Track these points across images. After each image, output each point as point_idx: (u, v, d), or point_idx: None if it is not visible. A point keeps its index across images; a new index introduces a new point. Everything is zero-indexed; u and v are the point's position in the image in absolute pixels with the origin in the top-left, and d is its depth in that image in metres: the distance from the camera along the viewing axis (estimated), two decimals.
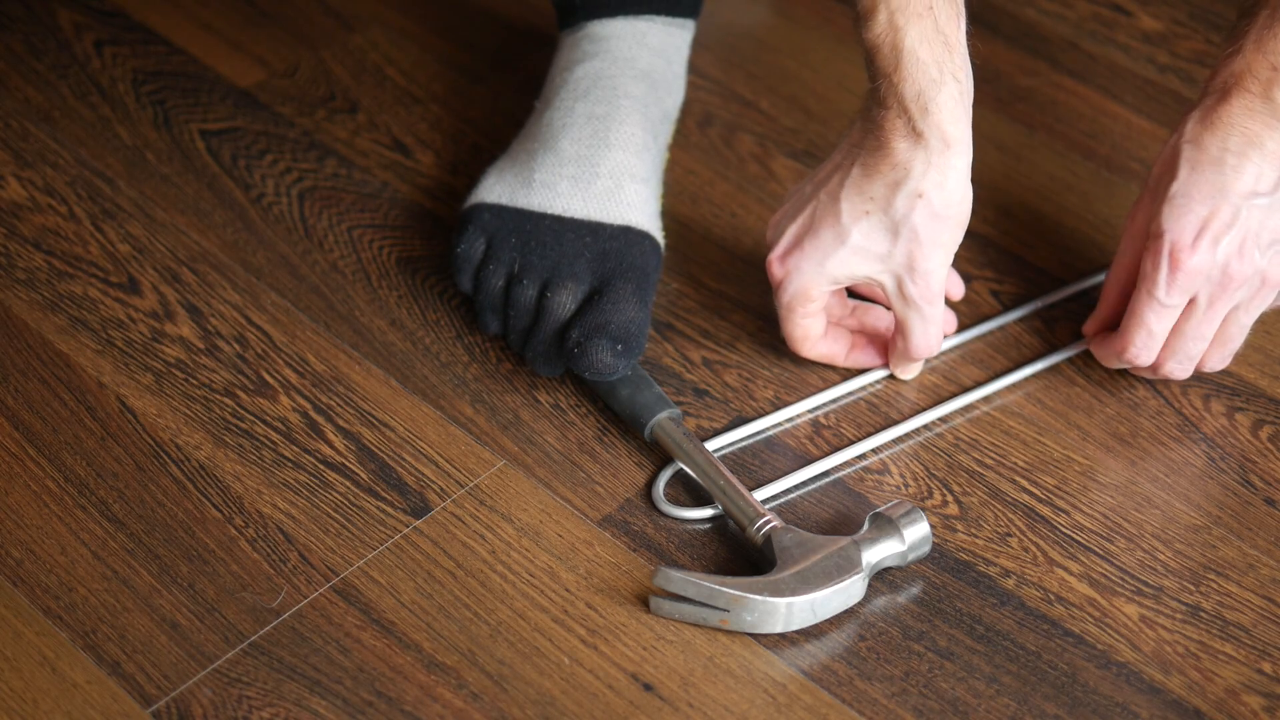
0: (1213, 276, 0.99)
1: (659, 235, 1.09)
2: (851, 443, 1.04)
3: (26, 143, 1.22)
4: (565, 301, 1.03)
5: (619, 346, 1.01)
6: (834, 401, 1.06)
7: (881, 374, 1.08)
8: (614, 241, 1.06)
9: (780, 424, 1.05)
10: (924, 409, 1.05)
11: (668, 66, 1.17)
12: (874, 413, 1.06)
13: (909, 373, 1.07)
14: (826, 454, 1.03)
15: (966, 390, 1.06)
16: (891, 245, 0.98)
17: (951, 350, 1.09)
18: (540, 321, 1.03)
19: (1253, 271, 1.00)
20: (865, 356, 1.07)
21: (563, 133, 1.11)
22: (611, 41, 1.15)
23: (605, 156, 1.09)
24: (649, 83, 1.14)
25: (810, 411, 1.06)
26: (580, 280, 1.04)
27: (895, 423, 1.04)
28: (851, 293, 1.09)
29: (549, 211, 1.07)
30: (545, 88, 1.17)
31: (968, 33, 0.96)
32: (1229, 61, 1.01)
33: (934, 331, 1.02)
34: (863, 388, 1.07)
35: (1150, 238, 1.01)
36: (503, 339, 1.07)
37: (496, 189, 1.09)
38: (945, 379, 1.08)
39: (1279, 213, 1.00)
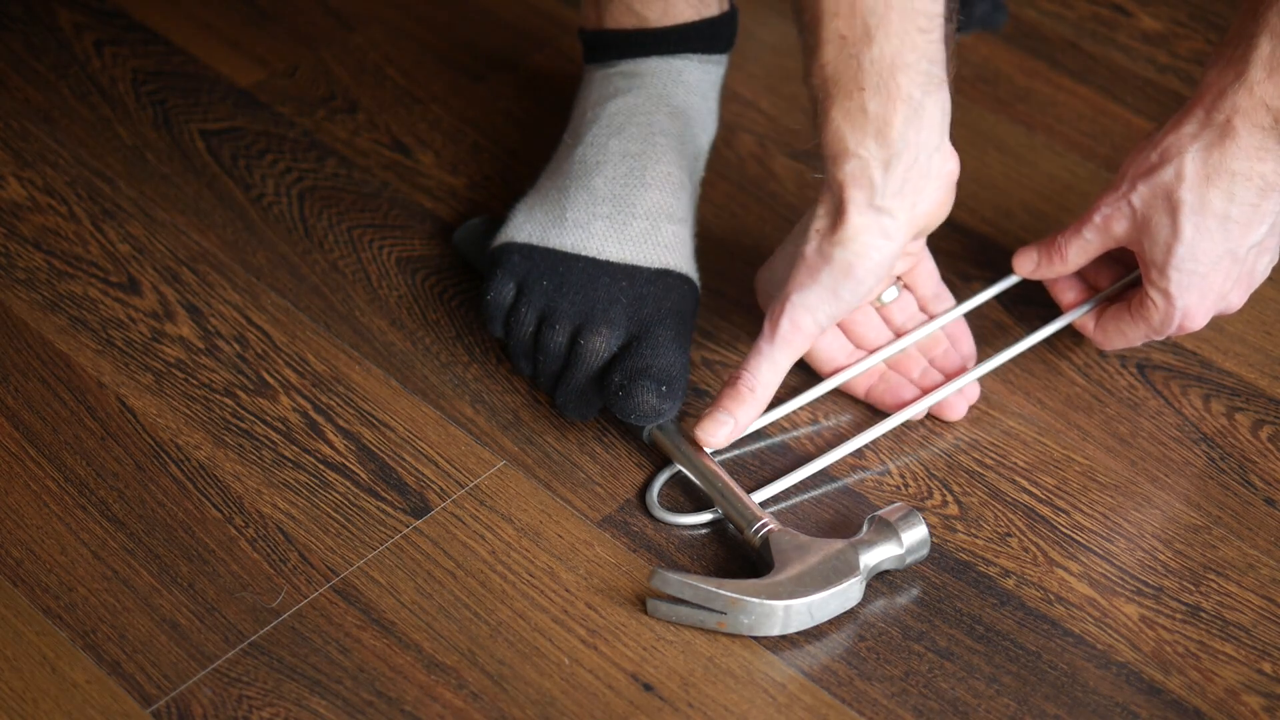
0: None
1: (695, 276, 1.07)
2: (848, 437, 1.03)
3: (26, 143, 1.22)
4: (599, 348, 1.01)
5: (663, 389, 0.99)
6: (832, 398, 1.06)
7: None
8: (651, 285, 1.04)
9: (778, 422, 1.05)
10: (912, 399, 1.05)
11: (702, 102, 1.14)
12: (874, 410, 1.06)
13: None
14: (824, 451, 1.03)
15: (954, 378, 1.06)
16: (787, 264, 0.99)
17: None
18: (572, 366, 1.01)
19: (1244, 292, 1.03)
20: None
21: (596, 170, 1.08)
22: (646, 78, 1.12)
23: (642, 196, 1.07)
24: (684, 119, 1.11)
25: (809, 409, 1.06)
26: (615, 325, 1.02)
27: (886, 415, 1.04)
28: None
29: (582, 253, 1.05)
30: (574, 121, 1.14)
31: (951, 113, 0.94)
32: (1232, 91, 0.97)
33: (762, 376, 0.97)
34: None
35: (1156, 289, 1.01)
36: (533, 380, 1.06)
37: (526, 227, 1.07)
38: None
39: (1272, 234, 1.01)
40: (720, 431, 0.98)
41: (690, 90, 1.13)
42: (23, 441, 1.02)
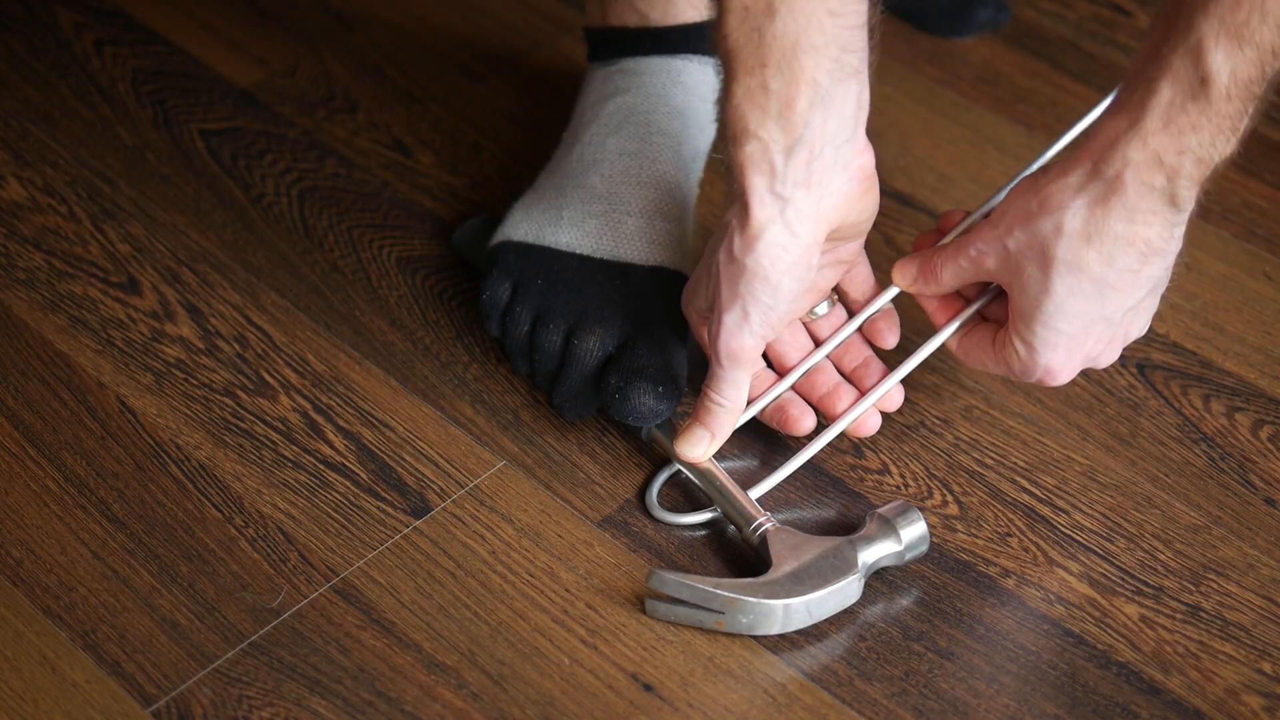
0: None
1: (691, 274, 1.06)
2: (846, 435, 1.03)
3: (26, 143, 1.22)
4: (593, 347, 1.01)
5: (660, 390, 0.99)
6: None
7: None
8: (646, 284, 1.04)
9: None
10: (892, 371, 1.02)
11: (702, 103, 1.13)
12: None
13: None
14: (825, 449, 1.03)
15: (920, 347, 1.03)
16: (709, 279, 0.96)
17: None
18: (567, 366, 1.01)
19: (1115, 351, 0.97)
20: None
21: (593, 169, 1.08)
22: (645, 77, 1.12)
23: (637, 195, 1.06)
24: (682, 119, 1.11)
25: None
26: (609, 325, 1.01)
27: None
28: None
29: (577, 251, 1.05)
30: (574, 120, 1.14)
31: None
32: (1124, 142, 0.87)
33: (726, 392, 0.96)
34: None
35: (1020, 340, 0.94)
36: (531, 379, 1.06)
37: (523, 226, 1.07)
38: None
39: (1152, 295, 0.94)
40: (699, 446, 0.98)
41: (689, 91, 1.13)
42: (23, 441, 1.02)
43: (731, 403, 0.97)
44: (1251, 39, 0.83)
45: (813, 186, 0.89)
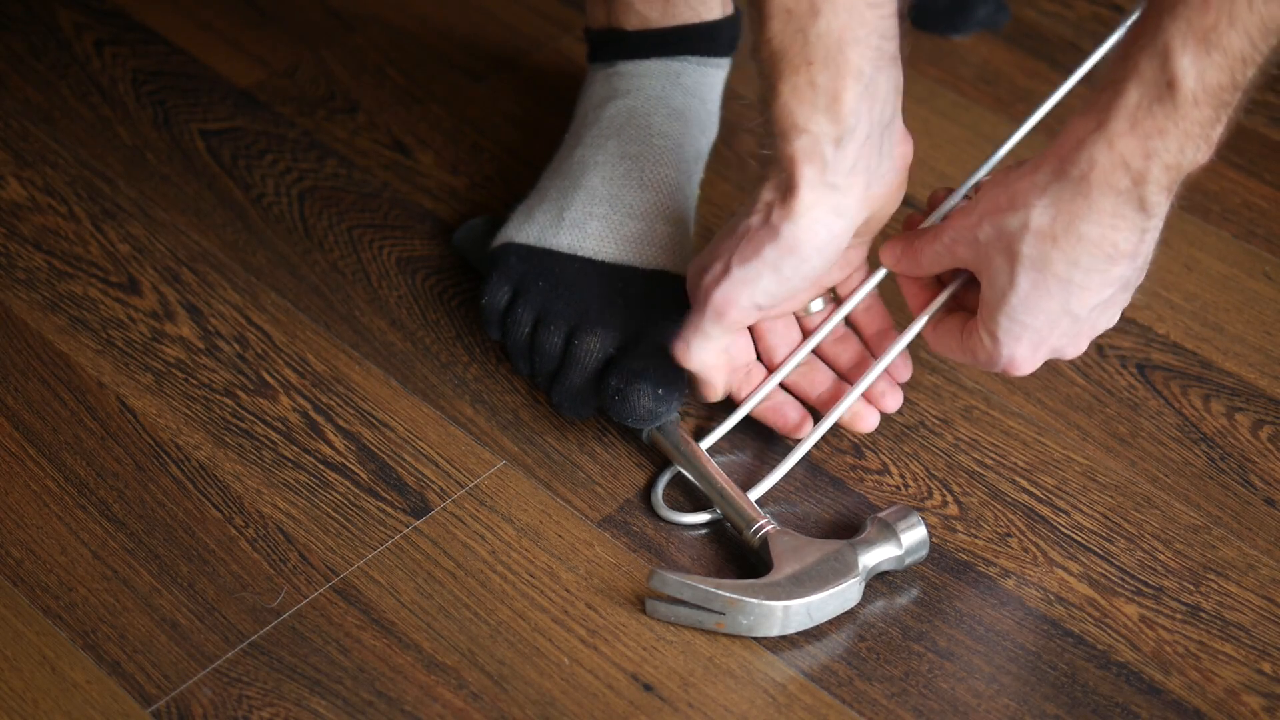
0: None
1: None
2: (847, 435, 1.03)
3: (26, 143, 1.22)
4: (593, 348, 1.01)
5: (660, 392, 0.99)
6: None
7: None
8: (648, 287, 1.04)
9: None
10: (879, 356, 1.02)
11: (702, 105, 1.13)
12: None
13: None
14: (826, 450, 1.03)
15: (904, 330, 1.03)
16: (734, 238, 0.96)
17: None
18: (568, 366, 1.01)
19: (1084, 343, 0.96)
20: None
21: (594, 171, 1.08)
22: (645, 80, 1.12)
23: (639, 198, 1.07)
24: (683, 121, 1.11)
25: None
26: (610, 326, 1.02)
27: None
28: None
29: (578, 254, 1.05)
30: (575, 122, 1.14)
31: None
32: (1091, 143, 0.86)
33: (703, 351, 0.96)
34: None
35: (985, 330, 0.94)
36: (532, 379, 1.06)
37: (525, 228, 1.07)
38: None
39: (1122, 291, 0.93)
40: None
41: (689, 93, 1.13)
42: (23, 441, 1.02)
43: (711, 351, 0.96)
44: (1220, 44, 0.82)
45: (860, 173, 0.91)
